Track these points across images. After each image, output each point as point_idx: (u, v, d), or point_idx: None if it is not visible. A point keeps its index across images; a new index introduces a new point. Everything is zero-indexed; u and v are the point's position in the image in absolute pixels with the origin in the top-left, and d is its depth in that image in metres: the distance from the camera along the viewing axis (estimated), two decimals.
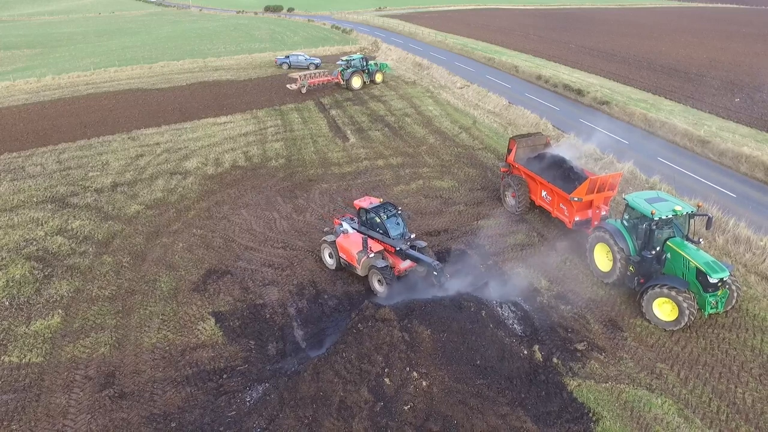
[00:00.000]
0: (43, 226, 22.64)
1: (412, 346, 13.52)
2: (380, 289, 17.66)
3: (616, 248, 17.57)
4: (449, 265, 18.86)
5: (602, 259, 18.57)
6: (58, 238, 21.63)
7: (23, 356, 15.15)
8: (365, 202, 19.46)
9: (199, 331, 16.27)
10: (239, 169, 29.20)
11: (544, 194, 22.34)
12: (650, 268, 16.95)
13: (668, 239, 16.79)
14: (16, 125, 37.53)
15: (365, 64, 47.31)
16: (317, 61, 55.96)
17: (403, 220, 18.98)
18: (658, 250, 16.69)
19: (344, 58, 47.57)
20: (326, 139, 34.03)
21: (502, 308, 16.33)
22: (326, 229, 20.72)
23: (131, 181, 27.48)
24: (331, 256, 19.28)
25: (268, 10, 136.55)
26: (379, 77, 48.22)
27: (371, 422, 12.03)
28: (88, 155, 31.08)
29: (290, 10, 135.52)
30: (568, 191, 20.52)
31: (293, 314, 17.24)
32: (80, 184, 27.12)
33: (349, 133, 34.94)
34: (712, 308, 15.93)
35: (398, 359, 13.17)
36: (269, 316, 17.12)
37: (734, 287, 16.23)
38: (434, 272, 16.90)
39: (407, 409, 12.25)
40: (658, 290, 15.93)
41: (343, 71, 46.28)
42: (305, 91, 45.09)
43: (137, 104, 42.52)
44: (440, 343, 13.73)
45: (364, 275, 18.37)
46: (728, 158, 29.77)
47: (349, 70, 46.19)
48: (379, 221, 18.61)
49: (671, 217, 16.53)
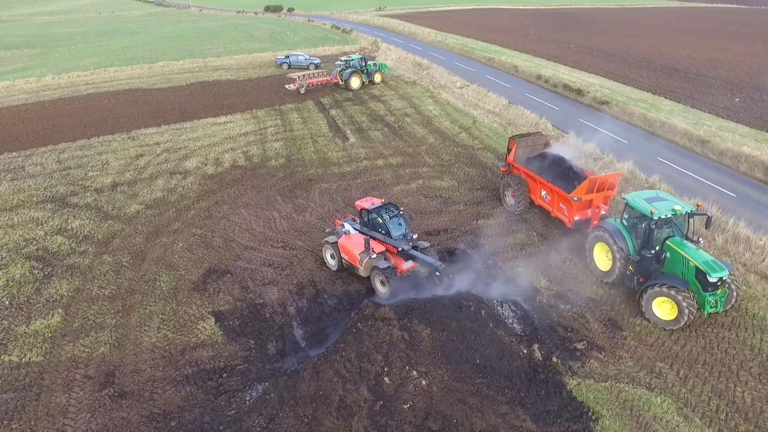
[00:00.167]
0: (43, 225, 22.66)
1: (411, 345, 13.53)
2: (383, 290, 17.65)
3: (615, 247, 17.58)
4: (449, 264, 18.85)
5: (602, 258, 18.59)
6: (58, 237, 21.65)
7: (23, 355, 15.17)
8: (367, 202, 19.43)
9: (198, 330, 16.30)
10: (239, 168, 29.22)
11: (543, 194, 22.36)
12: (650, 267, 16.97)
13: (668, 238, 16.81)
14: (16, 125, 37.56)
15: (364, 64, 47.19)
16: (317, 61, 55.93)
17: (405, 220, 18.95)
18: (657, 249, 16.71)
19: (343, 58, 47.46)
20: (326, 138, 34.04)
21: (502, 307, 16.35)
22: (328, 229, 20.72)
23: (131, 180, 27.50)
24: (332, 257, 19.26)
25: (268, 10, 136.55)
26: (378, 77, 48.14)
27: (371, 421, 12.04)
28: (88, 155, 31.10)
29: (290, 10, 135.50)
30: (567, 191, 20.55)
31: (293, 313, 17.26)
32: (80, 183, 27.14)
33: (348, 132, 34.96)
34: (711, 307, 15.96)
35: (398, 358, 13.19)
36: (269, 315, 17.14)
37: (733, 286, 16.25)
38: (436, 273, 16.91)
39: (407, 408, 12.26)
40: (657, 289, 15.95)
41: (342, 71, 46.20)
42: (303, 91, 45.06)
43: (137, 104, 42.54)
44: (440, 342, 13.74)
45: (366, 276, 18.37)
46: (728, 158, 29.80)
47: (348, 70, 46.10)
48: (381, 222, 18.59)
49: (671, 216, 16.55)
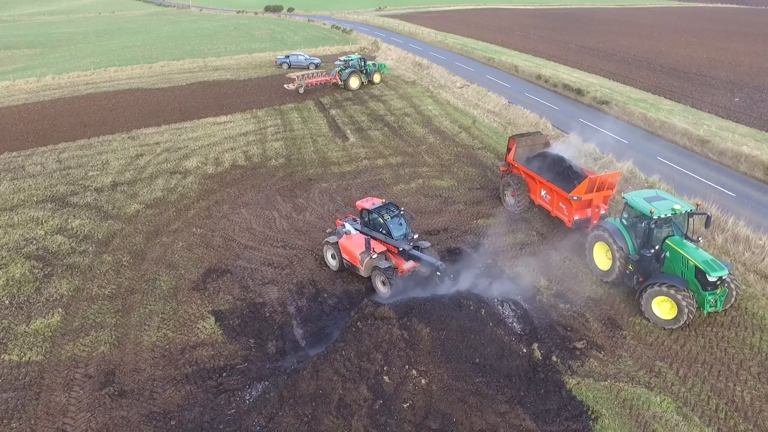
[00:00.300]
0: (43, 225, 22.67)
1: (411, 344, 13.55)
2: (384, 290, 17.66)
3: (615, 247, 17.59)
4: (449, 264, 18.85)
5: (601, 257, 18.59)
6: (58, 237, 21.66)
7: (23, 355, 15.19)
8: (368, 202, 19.43)
9: (198, 329, 16.31)
10: (239, 168, 29.23)
11: (543, 193, 22.37)
12: (649, 266, 16.98)
13: (667, 238, 16.82)
14: (16, 125, 37.58)
15: (363, 64, 47.15)
16: (317, 60, 55.94)
17: (405, 220, 18.94)
18: (657, 248, 16.72)
19: (342, 58, 47.45)
20: (326, 138, 34.05)
21: (502, 307, 16.36)
22: (328, 229, 20.72)
23: (131, 180, 27.52)
24: (333, 257, 19.24)
25: (268, 10, 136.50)
26: (377, 78, 48.08)
27: (370, 420, 12.05)
28: (88, 155, 31.11)
29: (290, 10, 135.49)
30: (567, 190, 20.56)
31: (293, 313, 17.27)
32: (80, 183, 27.15)
33: (348, 132, 34.96)
34: (711, 307, 15.97)
35: (397, 357, 13.21)
36: (269, 314, 17.15)
37: (733, 286, 16.26)
38: (437, 272, 16.91)
39: (406, 407, 12.27)
40: (657, 289, 15.96)
41: (341, 71, 46.17)
42: (302, 91, 45.05)
43: (137, 104, 42.55)
44: (439, 341, 13.76)
45: (367, 276, 18.36)
46: (727, 157, 29.80)
47: (347, 70, 46.07)
48: (381, 222, 18.59)
49: (670, 215, 16.57)
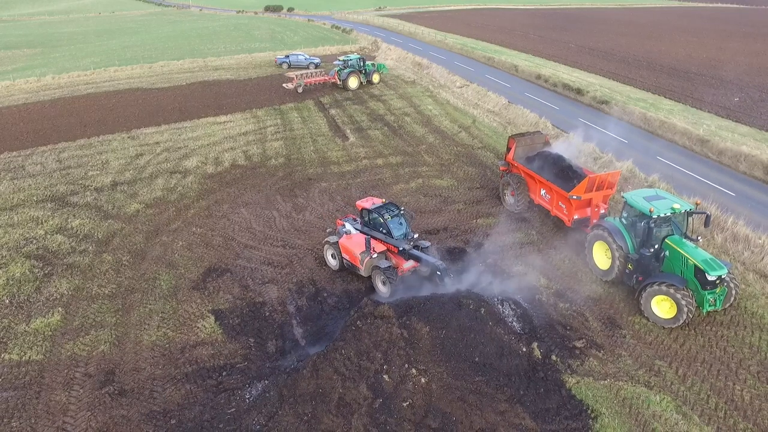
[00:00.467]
0: (43, 224, 22.68)
1: (411, 343, 13.58)
2: (384, 289, 17.67)
3: (614, 246, 17.61)
4: (449, 263, 18.85)
5: (601, 257, 18.61)
6: (58, 236, 21.67)
7: (23, 354, 15.20)
8: (368, 202, 19.45)
9: (198, 328, 16.32)
10: (239, 168, 29.24)
11: (543, 193, 22.38)
12: (649, 265, 16.99)
13: (667, 237, 16.84)
14: (16, 124, 37.56)
15: (362, 64, 47.11)
16: (317, 60, 55.92)
17: (406, 220, 18.94)
18: (656, 247, 16.74)
19: (341, 58, 47.44)
20: (326, 138, 34.06)
21: (501, 306, 16.36)
22: (329, 229, 20.73)
23: (131, 180, 27.52)
24: (333, 257, 19.25)
25: (268, 9, 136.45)
26: (376, 78, 47.98)
27: (370, 419, 12.07)
28: (88, 154, 31.12)
29: (290, 9, 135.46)
30: (567, 189, 20.57)
31: (293, 312, 17.29)
32: (80, 183, 27.16)
33: (348, 132, 34.97)
34: (710, 306, 15.99)
35: (397, 356, 13.23)
36: (269, 314, 17.17)
37: (732, 285, 16.28)
38: (438, 272, 16.91)
39: (406, 405, 12.29)
40: (656, 288, 15.98)
41: (340, 71, 46.15)
42: (301, 90, 45.05)
43: (137, 104, 42.54)
44: (439, 340, 13.78)
45: (367, 276, 18.37)
46: (727, 157, 29.83)
47: (346, 70, 46.04)
48: (381, 221, 18.59)
49: (669, 215, 16.59)
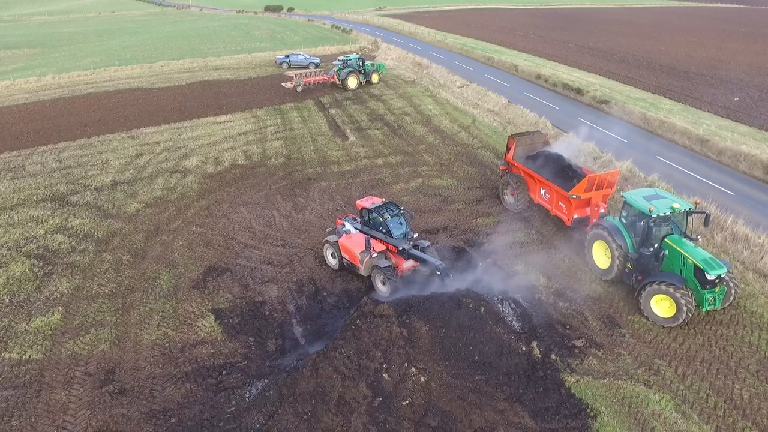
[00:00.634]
0: (43, 224, 22.70)
1: (410, 341, 13.59)
2: (383, 289, 17.69)
3: (614, 245, 17.62)
4: (449, 263, 18.87)
5: (600, 256, 18.62)
6: (58, 236, 21.69)
7: (24, 353, 15.22)
8: (367, 201, 19.45)
9: (198, 328, 16.34)
10: (239, 167, 29.26)
11: (542, 192, 22.40)
12: (648, 265, 17.01)
13: (666, 236, 16.86)
14: (16, 124, 37.57)
15: (361, 64, 47.08)
16: (317, 60, 55.92)
17: (405, 219, 18.95)
18: (656, 247, 16.76)
19: (341, 57, 47.42)
20: (326, 137, 34.07)
21: (501, 305, 16.38)
22: (328, 228, 20.74)
23: (131, 179, 27.54)
24: (333, 256, 19.27)
25: (268, 9, 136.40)
26: (375, 78, 47.89)
27: (370, 417, 12.09)
28: (88, 154, 31.14)
29: (290, 9, 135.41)
30: (566, 189, 20.59)
31: (292, 311, 17.31)
32: (80, 182, 27.17)
33: (348, 131, 34.99)
34: (709, 305, 16.00)
35: (397, 355, 13.25)
36: (268, 313, 17.20)
37: (732, 284, 16.30)
38: (437, 272, 16.92)
39: (406, 404, 12.31)
40: (656, 287, 16.00)
41: (339, 71, 46.13)
42: (300, 89, 45.05)
43: (137, 103, 42.56)
44: (438, 339, 13.80)
45: (367, 275, 18.39)
46: (727, 156, 29.84)
47: (345, 70, 46.02)
48: (381, 221, 18.59)
49: (669, 214, 16.61)
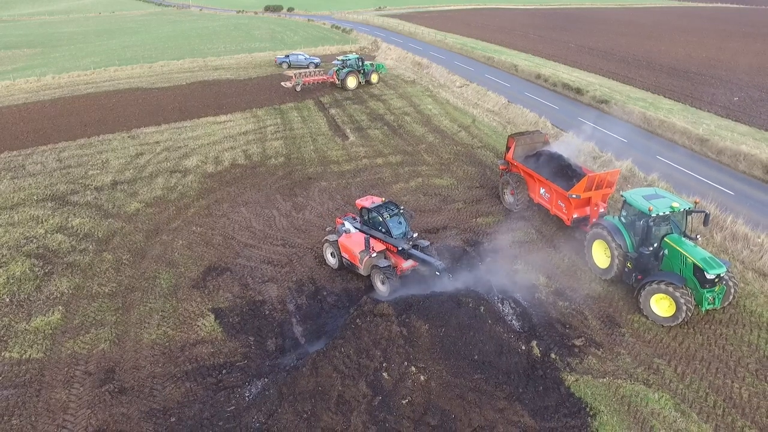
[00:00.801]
0: (43, 223, 22.71)
1: (410, 340, 13.61)
2: (383, 288, 17.70)
3: (614, 245, 17.64)
4: (449, 262, 18.87)
5: (600, 255, 18.64)
6: (58, 235, 21.70)
7: (24, 352, 15.24)
8: (367, 201, 19.46)
9: (198, 327, 16.36)
10: (239, 167, 29.27)
11: (542, 192, 22.41)
12: (648, 264, 17.03)
13: (665, 236, 16.88)
14: (16, 124, 37.59)
15: (361, 64, 47.06)
16: (317, 60, 55.93)
17: (405, 219, 18.95)
18: (655, 246, 16.78)
19: (340, 57, 47.42)
20: (326, 137, 34.09)
21: (501, 304, 16.41)
22: (328, 228, 20.76)
23: (131, 179, 27.56)
24: (333, 255, 19.29)
25: (268, 9, 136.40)
26: (374, 78, 47.83)
27: (369, 416, 12.10)
28: (88, 154, 31.15)
29: (290, 9, 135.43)
30: (566, 188, 20.61)
31: (292, 310, 17.33)
32: (80, 182, 27.19)
33: (348, 131, 35.00)
34: (709, 304, 16.02)
35: (396, 354, 13.26)
36: (268, 312, 17.21)
37: (731, 283, 16.32)
38: (437, 272, 16.93)
39: (405, 403, 12.33)
40: (655, 286, 16.01)
41: (338, 71, 46.11)
42: (299, 89, 45.05)
43: (137, 103, 42.57)
44: (438, 338, 13.81)
45: (366, 275, 18.40)
46: (726, 156, 29.86)
47: (344, 70, 46.01)
48: (381, 220, 18.60)
49: (668, 213, 16.62)
